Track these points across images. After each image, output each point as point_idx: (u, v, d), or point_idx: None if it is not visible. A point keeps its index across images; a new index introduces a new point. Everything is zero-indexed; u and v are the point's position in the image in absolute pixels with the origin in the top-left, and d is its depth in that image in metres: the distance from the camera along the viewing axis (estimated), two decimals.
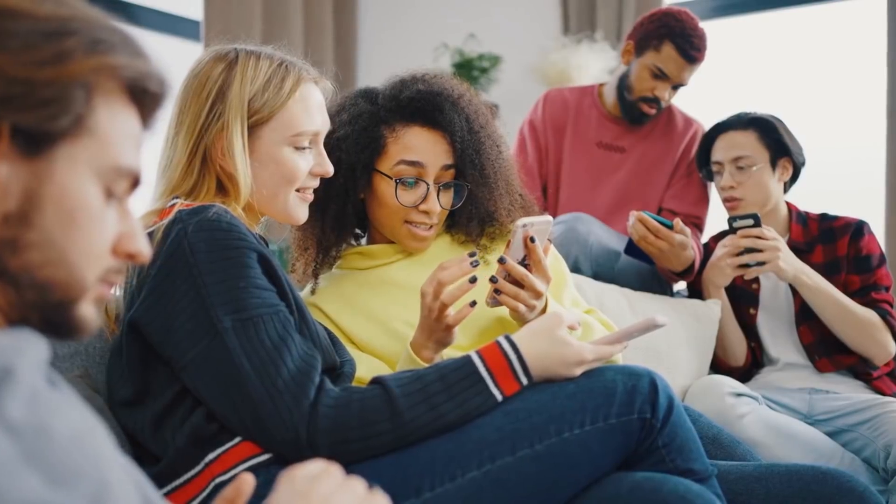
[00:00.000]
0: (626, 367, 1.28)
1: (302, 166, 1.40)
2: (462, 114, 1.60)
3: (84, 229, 0.72)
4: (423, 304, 1.43)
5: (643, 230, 2.18)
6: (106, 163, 0.73)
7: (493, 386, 1.23)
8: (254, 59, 1.37)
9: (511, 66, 3.82)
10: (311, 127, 1.39)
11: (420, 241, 1.63)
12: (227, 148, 1.34)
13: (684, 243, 2.18)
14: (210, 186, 1.37)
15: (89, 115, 0.72)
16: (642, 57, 2.46)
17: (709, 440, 1.73)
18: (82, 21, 0.71)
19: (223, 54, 1.38)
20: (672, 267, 2.26)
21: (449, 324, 1.41)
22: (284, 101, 1.36)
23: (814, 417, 2.12)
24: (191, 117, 1.36)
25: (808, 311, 2.20)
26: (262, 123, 1.36)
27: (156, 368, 1.26)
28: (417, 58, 3.83)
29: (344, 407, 1.19)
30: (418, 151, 1.58)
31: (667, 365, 2.12)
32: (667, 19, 2.42)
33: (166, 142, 1.40)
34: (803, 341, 2.23)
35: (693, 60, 2.41)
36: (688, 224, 2.42)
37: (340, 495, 0.74)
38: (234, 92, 1.34)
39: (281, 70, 1.38)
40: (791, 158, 2.30)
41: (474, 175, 1.60)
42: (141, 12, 3.70)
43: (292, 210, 1.42)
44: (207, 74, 1.36)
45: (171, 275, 1.22)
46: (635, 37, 2.50)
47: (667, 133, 2.59)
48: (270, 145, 1.37)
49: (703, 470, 1.28)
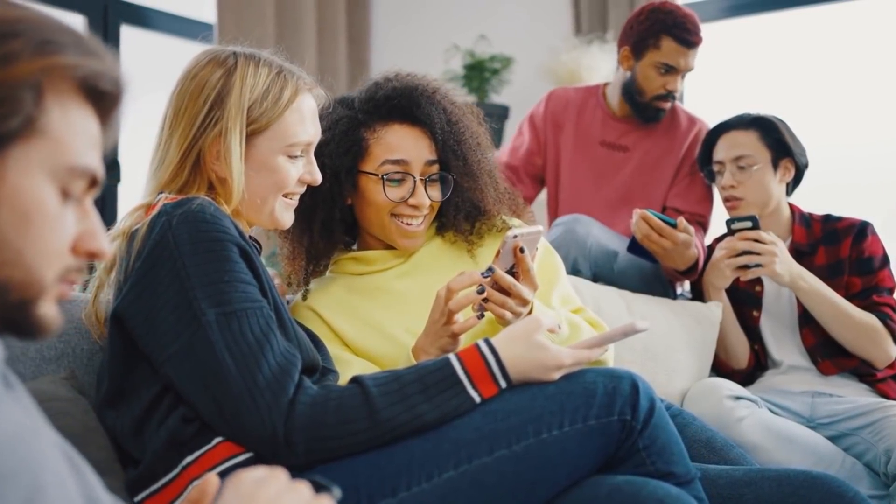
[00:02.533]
0: (607, 369, 1.28)
1: (293, 174, 1.41)
2: (439, 106, 1.60)
3: (39, 230, 0.72)
4: (435, 307, 1.43)
5: (646, 228, 2.17)
6: (60, 163, 0.73)
7: (471, 388, 1.23)
8: (253, 66, 1.38)
9: (522, 67, 3.80)
10: (305, 137, 1.41)
11: (409, 237, 1.62)
12: (224, 153, 1.34)
13: (688, 242, 2.17)
14: (200, 187, 1.37)
15: (40, 116, 0.72)
16: (643, 58, 2.46)
17: (702, 443, 1.71)
18: (30, 22, 0.72)
19: (222, 59, 1.38)
20: (675, 265, 2.25)
21: (454, 331, 1.42)
22: (282, 112, 1.38)
23: (816, 421, 2.10)
24: (186, 120, 1.36)
25: (809, 314, 2.18)
26: (258, 132, 1.37)
27: (137, 367, 1.27)
28: (429, 59, 3.84)
29: (321, 405, 1.19)
30: (401, 149, 1.58)
31: (665, 367, 2.10)
32: (655, 15, 2.43)
33: (159, 142, 1.40)
34: (806, 344, 2.21)
35: (693, 45, 2.42)
36: (692, 222, 2.41)
37: (286, 498, 0.74)
38: (234, 99, 1.35)
39: (280, 79, 1.39)
40: (793, 159, 2.27)
41: (458, 165, 1.61)
42: (155, 16, 3.73)
43: (278, 215, 1.42)
44: (206, 78, 1.37)
45: (155, 267, 1.22)
46: (629, 41, 2.49)
47: (670, 131, 2.58)
48: (266, 153, 1.38)
49: (685, 473, 1.27)
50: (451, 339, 1.43)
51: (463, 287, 1.41)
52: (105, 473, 1.23)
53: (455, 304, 1.40)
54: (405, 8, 4.22)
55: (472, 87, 3.75)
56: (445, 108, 1.61)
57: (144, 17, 3.70)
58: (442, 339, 1.43)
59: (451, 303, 1.40)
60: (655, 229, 2.16)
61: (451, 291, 1.41)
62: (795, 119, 2.38)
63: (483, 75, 3.74)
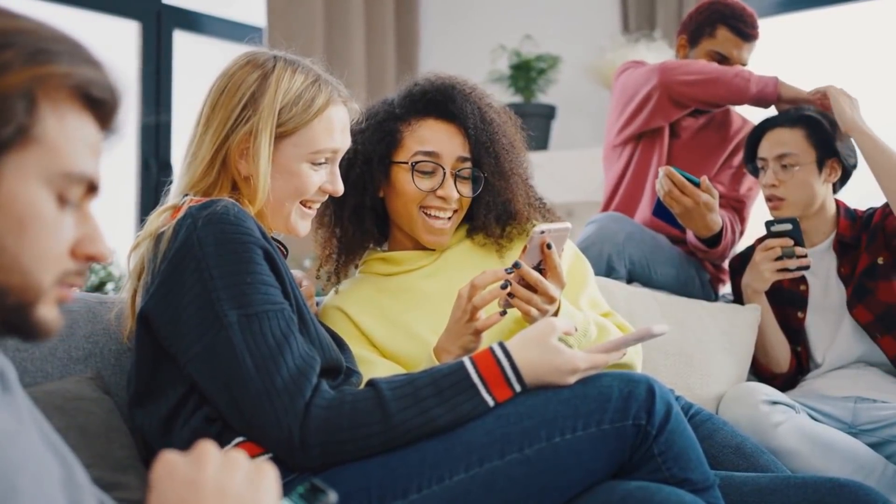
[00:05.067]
0: (624, 373, 1.26)
1: (315, 181, 1.42)
2: (474, 104, 1.62)
3: (35, 235, 0.74)
4: (457, 305, 1.44)
5: (669, 184, 2.16)
6: (56, 170, 0.75)
7: (485, 392, 1.23)
8: (290, 71, 1.40)
9: (569, 66, 3.78)
10: (331, 145, 1.42)
11: (435, 233, 1.63)
12: (252, 153, 1.36)
13: (710, 204, 2.16)
14: (225, 186, 1.40)
15: (35, 125, 0.74)
16: (698, 47, 2.48)
17: (731, 449, 1.68)
18: (24, 33, 0.74)
19: (261, 61, 1.41)
20: (697, 229, 2.24)
21: (477, 328, 1.42)
22: (311, 120, 1.39)
23: (858, 427, 2.04)
24: (220, 118, 1.39)
25: (861, 291, 2.12)
26: (285, 136, 1.39)
27: (164, 367, 1.29)
28: (476, 59, 3.84)
29: (336, 408, 1.21)
30: (434, 142, 1.61)
31: (700, 371, 2.07)
32: (714, 6, 2.47)
33: (192, 138, 1.43)
34: (861, 321, 2.14)
35: (748, 38, 2.44)
36: (727, 207, 2.39)
37: (229, 473, 0.75)
38: (268, 100, 1.37)
39: (314, 88, 1.40)
40: (840, 160, 2.21)
41: (490, 164, 1.62)
42: (206, 21, 3.81)
43: (293, 222, 1.44)
44: (242, 78, 1.39)
45: (180, 268, 1.25)
46: (687, 30, 2.53)
47: (722, 128, 2.58)
48: (290, 158, 1.40)
49: (702, 480, 1.24)
50: (473, 337, 1.43)
51: (487, 284, 1.41)
52: (127, 471, 1.26)
53: (479, 300, 1.40)
54: (453, 9, 4.23)
55: (519, 86, 3.74)
56: (481, 107, 1.63)
57: (196, 22, 3.78)
58: (464, 338, 1.43)
59: (475, 298, 1.40)
60: (678, 186, 2.15)
61: (474, 288, 1.41)
62: None
63: (529, 75, 3.73)
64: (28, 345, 1.34)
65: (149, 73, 3.60)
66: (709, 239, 2.29)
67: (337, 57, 3.89)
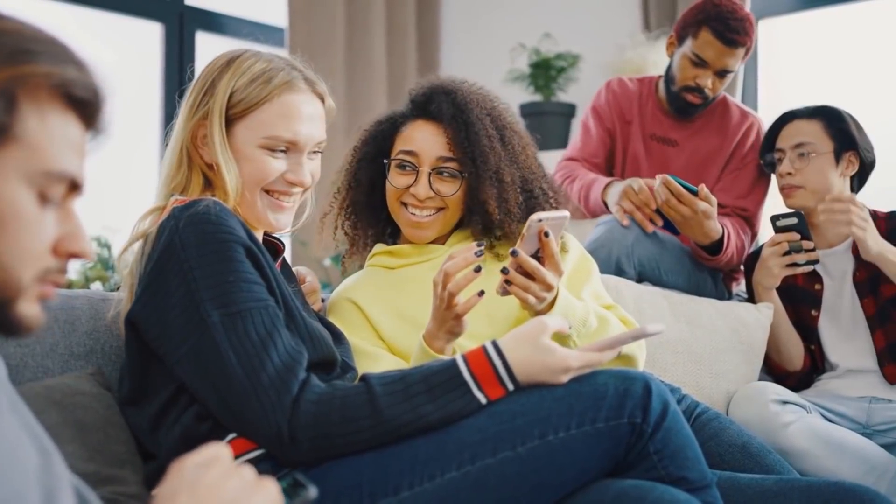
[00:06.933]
0: (621, 370, 1.25)
1: (273, 167, 1.39)
2: (457, 105, 1.63)
3: (15, 233, 0.75)
4: (435, 293, 1.44)
5: (666, 193, 2.14)
6: (37, 168, 0.76)
7: (477, 390, 1.22)
8: (254, 59, 1.39)
9: (589, 64, 3.76)
10: (286, 134, 1.37)
11: (415, 227, 1.65)
12: (208, 137, 1.36)
13: (708, 212, 2.13)
14: (197, 182, 1.39)
15: (16, 124, 0.74)
16: (682, 46, 2.41)
17: (737, 448, 1.66)
18: (6, 33, 0.75)
19: (236, 55, 1.41)
20: (696, 237, 2.21)
21: (458, 313, 1.41)
22: (262, 102, 1.37)
23: (872, 428, 2.01)
24: (186, 109, 1.40)
25: (884, 315, 2.08)
26: (237, 119, 1.37)
27: (153, 367, 1.31)
28: (495, 58, 3.84)
29: (326, 403, 1.21)
30: (415, 142, 1.65)
31: (710, 370, 2.05)
32: (705, 6, 2.36)
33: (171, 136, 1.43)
34: (877, 346, 2.10)
35: (732, 44, 2.32)
36: (733, 215, 2.35)
37: (228, 482, 0.76)
38: (224, 83, 1.37)
39: (273, 72, 1.38)
40: (858, 153, 2.18)
41: (467, 164, 1.61)
42: (228, 22, 3.84)
43: (262, 212, 1.41)
44: (210, 69, 1.40)
45: (164, 271, 1.26)
46: (677, 28, 2.45)
47: (721, 128, 2.51)
48: (244, 143, 1.38)
49: (699, 479, 1.23)
50: (456, 322, 1.42)
51: (458, 270, 1.40)
52: (124, 466, 1.28)
53: (454, 286, 1.39)
54: (473, 8, 4.22)
55: (538, 85, 3.73)
56: (462, 106, 1.63)
57: (219, 23, 3.82)
58: (448, 323, 1.43)
59: (450, 285, 1.39)
60: (675, 195, 2.12)
61: (447, 276, 1.39)
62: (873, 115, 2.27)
63: (549, 73, 3.72)
64: (29, 341, 1.36)
65: (171, 73, 3.64)
66: (710, 246, 2.25)
67: (358, 57, 3.91)
